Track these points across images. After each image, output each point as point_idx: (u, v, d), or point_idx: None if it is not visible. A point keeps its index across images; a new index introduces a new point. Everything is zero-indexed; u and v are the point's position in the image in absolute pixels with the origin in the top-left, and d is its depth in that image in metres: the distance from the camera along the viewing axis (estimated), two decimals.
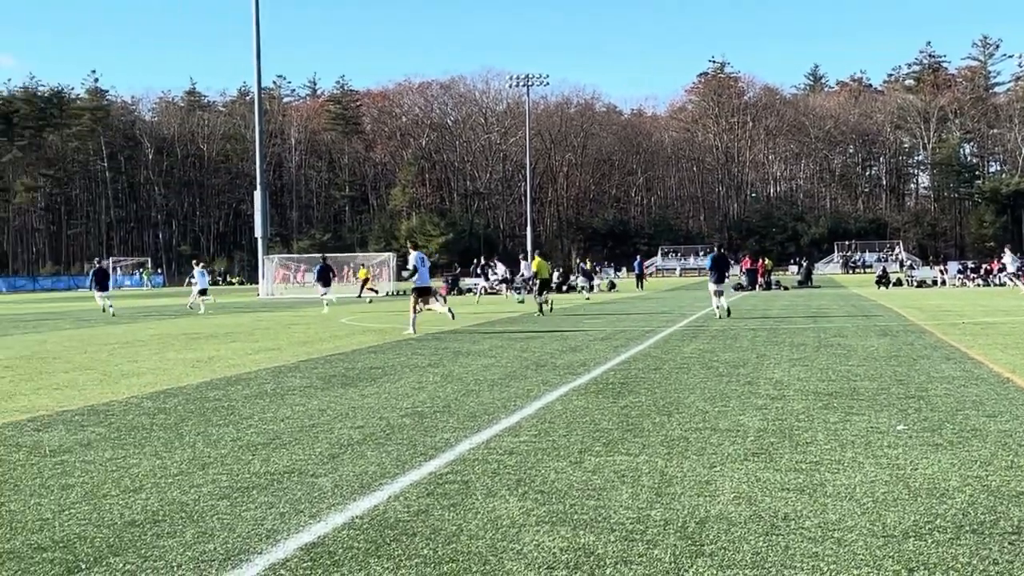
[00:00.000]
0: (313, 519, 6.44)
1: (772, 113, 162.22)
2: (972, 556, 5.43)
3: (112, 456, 8.67)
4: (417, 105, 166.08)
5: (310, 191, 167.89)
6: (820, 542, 5.74)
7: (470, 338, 22.36)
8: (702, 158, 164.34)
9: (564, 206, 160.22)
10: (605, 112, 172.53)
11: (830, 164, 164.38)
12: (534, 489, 7.13)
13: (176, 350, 20.45)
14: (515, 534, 6.01)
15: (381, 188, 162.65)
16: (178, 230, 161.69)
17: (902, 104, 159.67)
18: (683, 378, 13.67)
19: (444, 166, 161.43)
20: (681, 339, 20.87)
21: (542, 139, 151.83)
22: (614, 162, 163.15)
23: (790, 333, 22.08)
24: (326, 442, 9.16)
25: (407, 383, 13.64)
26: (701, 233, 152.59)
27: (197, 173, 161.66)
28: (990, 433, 8.99)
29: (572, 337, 21.92)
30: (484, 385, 13.24)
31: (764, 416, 10.18)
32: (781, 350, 17.79)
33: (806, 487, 7.05)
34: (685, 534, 5.94)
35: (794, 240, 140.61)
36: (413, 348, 19.74)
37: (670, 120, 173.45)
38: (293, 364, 16.85)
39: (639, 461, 8.03)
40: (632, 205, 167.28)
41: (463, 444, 8.91)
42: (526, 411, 10.82)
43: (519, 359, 16.94)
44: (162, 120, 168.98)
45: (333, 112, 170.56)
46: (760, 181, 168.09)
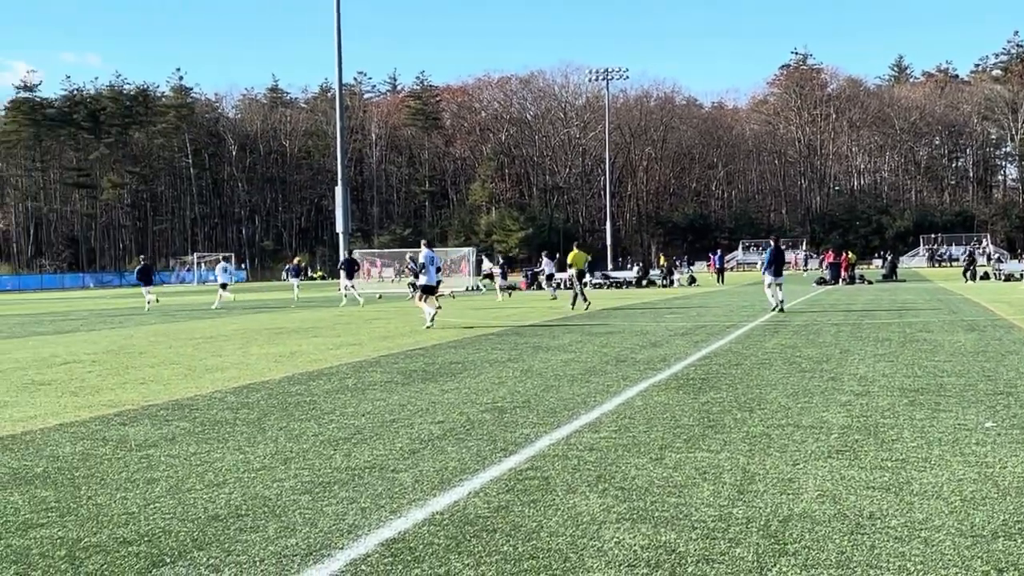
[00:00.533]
0: (394, 514, 6.45)
1: (856, 105, 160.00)
2: None
3: (196, 450, 8.78)
4: (496, 100, 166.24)
5: (390, 186, 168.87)
6: (907, 541, 5.63)
7: (549, 333, 22.33)
8: (784, 151, 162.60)
9: (644, 200, 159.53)
10: (685, 105, 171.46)
11: (915, 156, 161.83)
12: (614, 486, 7.09)
13: (259, 345, 20.67)
14: (595, 531, 5.97)
15: (461, 183, 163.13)
16: (261, 226, 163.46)
17: (989, 95, 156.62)
18: (765, 374, 13.53)
19: (523, 161, 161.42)
20: (763, 334, 20.67)
21: (621, 133, 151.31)
22: (694, 155, 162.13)
23: (874, 328, 21.77)
24: (407, 437, 9.19)
25: (487, 378, 13.65)
26: (783, 227, 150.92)
27: (279, 169, 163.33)
28: None
29: (652, 332, 21.81)
30: (564, 380, 13.21)
31: (848, 412, 10.04)
32: (865, 345, 17.55)
33: (892, 485, 6.93)
34: (768, 532, 5.87)
35: (878, 233, 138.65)
36: (493, 343, 19.76)
37: (751, 113, 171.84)
38: (374, 359, 16.95)
39: (720, 458, 7.95)
40: (712, 199, 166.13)
41: (543, 440, 8.89)
42: (606, 407, 10.77)
43: (599, 354, 16.88)
44: (245, 117, 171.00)
45: (413, 107, 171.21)
46: (843, 174, 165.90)
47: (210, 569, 5.42)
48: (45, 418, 10.85)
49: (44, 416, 11.00)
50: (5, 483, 7.61)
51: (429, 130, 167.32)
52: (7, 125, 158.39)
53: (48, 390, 13.46)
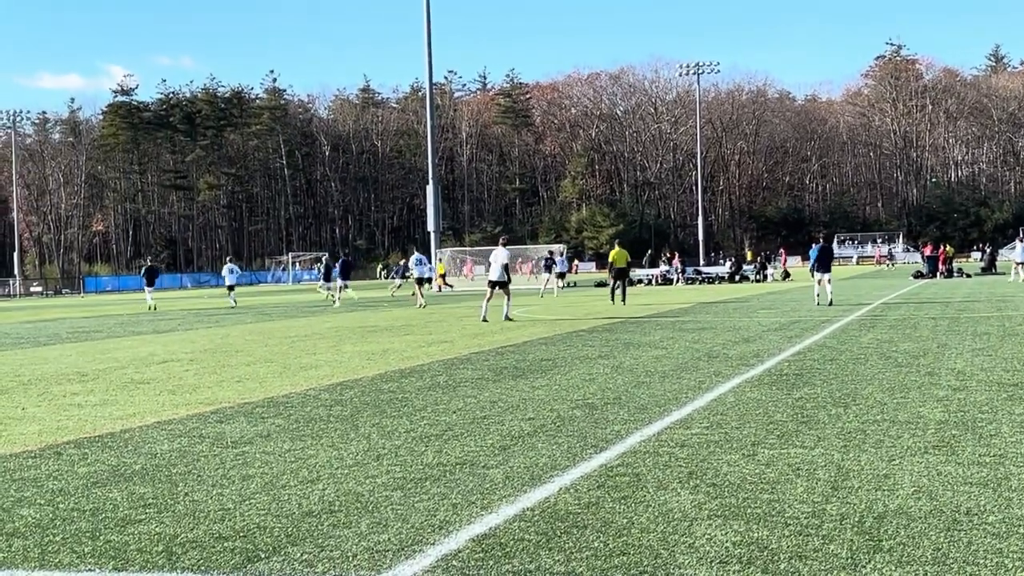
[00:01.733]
0: (485, 510, 6.48)
1: (952, 96, 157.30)
2: None
3: (291, 447, 8.89)
4: (586, 96, 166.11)
5: (481, 184, 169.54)
6: (1005, 538, 5.52)
7: (640, 329, 22.26)
8: (879, 143, 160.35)
9: (736, 195, 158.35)
10: (778, 98, 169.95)
11: (1014, 147, 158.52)
12: (706, 482, 7.04)
13: (352, 343, 20.86)
14: (687, 527, 5.94)
15: (551, 180, 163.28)
16: (354, 225, 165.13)
17: None
18: (860, 369, 13.35)
19: (613, 157, 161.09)
20: (858, 329, 20.40)
21: (713, 127, 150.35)
22: (787, 149, 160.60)
23: (972, 322, 21.38)
24: (497, 434, 9.22)
25: (577, 375, 13.65)
26: (879, 220, 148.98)
27: (371, 169, 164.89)
28: None
29: (745, 328, 21.63)
30: (655, 376, 13.16)
31: (945, 408, 9.87)
32: (963, 339, 17.24)
33: (990, 481, 6.80)
34: (862, 529, 5.79)
35: (977, 226, 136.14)
36: (584, 340, 19.75)
37: (845, 105, 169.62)
38: (465, 356, 17.02)
39: (814, 454, 7.87)
40: (806, 192, 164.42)
41: (634, 436, 8.87)
42: (697, 403, 10.71)
43: (690, 350, 16.79)
44: (337, 118, 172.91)
45: (503, 105, 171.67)
46: (940, 166, 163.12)
47: (304, 564, 5.48)
48: (143, 416, 11.05)
49: (142, 414, 11.21)
50: (105, 480, 7.77)
51: (519, 128, 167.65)
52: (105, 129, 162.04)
53: (147, 389, 13.71)
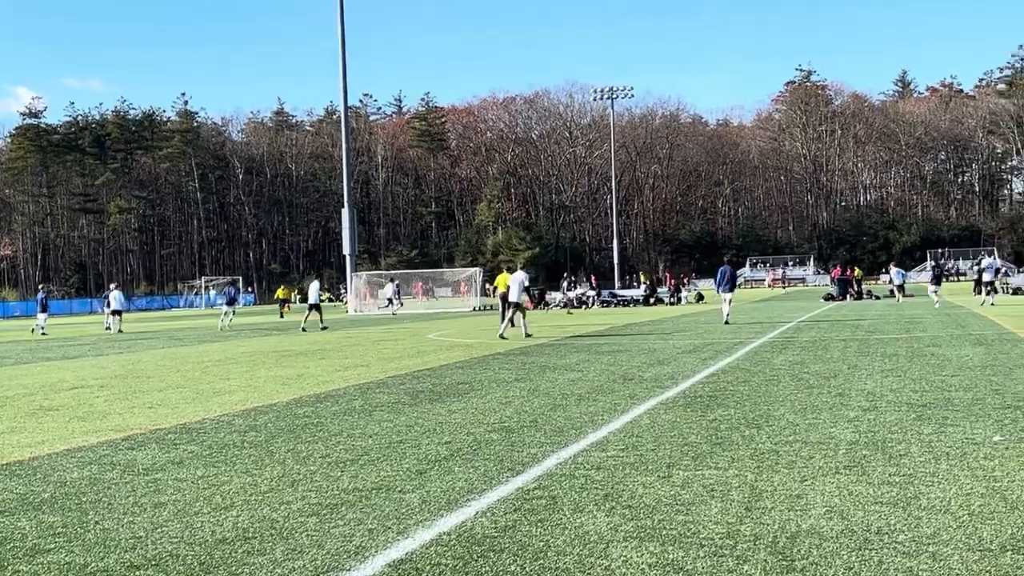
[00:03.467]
0: (401, 535, 6.45)
1: (861, 120, 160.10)
2: None
3: (204, 474, 8.78)
4: (502, 120, 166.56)
5: (397, 208, 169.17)
6: (914, 556, 5.62)
7: (556, 352, 22.33)
8: (790, 167, 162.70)
9: (650, 218, 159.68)
10: (690, 123, 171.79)
11: (921, 171, 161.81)
12: (622, 504, 7.08)
13: (267, 368, 20.69)
14: (603, 550, 5.97)
15: (467, 203, 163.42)
16: (268, 249, 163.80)
17: (994, 109, 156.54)
18: (772, 390, 13.51)
19: (529, 180, 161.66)
20: (770, 350, 20.65)
21: (627, 151, 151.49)
22: (700, 173, 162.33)
23: (882, 343, 21.75)
24: (414, 458, 9.19)
25: (494, 398, 13.65)
26: (790, 243, 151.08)
27: (286, 192, 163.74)
28: None
29: (659, 350, 21.80)
30: (571, 399, 13.21)
31: (856, 428, 10.02)
32: (873, 361, 17.53)
33: (900, 500, 6.92)
34: (776, 549, 5.86)
35: (885, 249, 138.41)
36: (500, 363, 19.77)
37: (756, 129, 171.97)
38: (381, 380, 16.95)
39: (728, 475, 7.95)
40: (719, 216, 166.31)
41: (550, 459, 8.89)
42: (613, 425, 10.76)
43: (606, 373, 16.88)
44: (251, 140, 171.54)
45: (419, 129, 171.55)
46: (850, 189, 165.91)
47: None
48: (53, 443, 10.86)
49: (52, 441, 11.01)
50: (13, 509, 7.62)
51: (435, 151, 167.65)
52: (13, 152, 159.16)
53: (56, 415, 13.47)
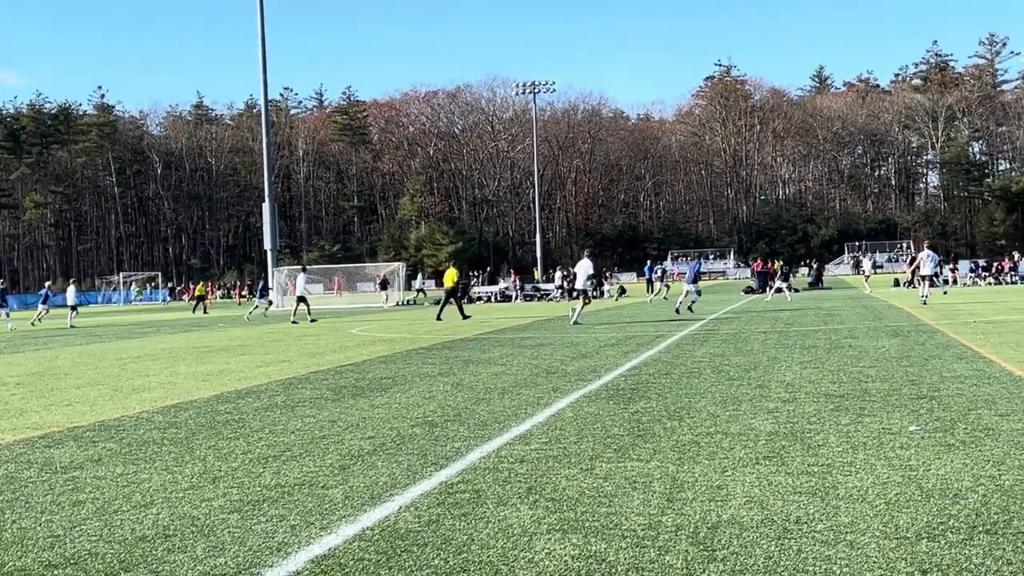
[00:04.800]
0: (324, 531, 6.43)
1: (779, 115, 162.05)
2: (985, 557, 5.40)
3: (123, 471, 8.67)
4: (424, 114, 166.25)
5: (319, 202, 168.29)
6: (832, 545, 5.71)
7: (480, 346, 22.34)
8: (710, 161, 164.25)
9: (573, 212, 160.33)
10: (612, 117, 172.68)
11: (839, 165, 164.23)
12: (545, 497, 7.11)
13: (187, 364, 20.47)
14: (526, 542, 5.99)
15: (390, 198, 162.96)
16: (188, 244, 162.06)
17: (910, 104, 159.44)
18: (694, 382, 13.63)
19: (452, 175, 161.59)
20: (692, 343, 20.83)
21: (549, 146, 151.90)
22: (622, 167, 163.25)
23: (801, 335, 22.03)
24: (336, 453, 9.15)
25: (417, 392, 13.63)
26: (711, 236, 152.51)
27: (206, 187, 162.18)
28: (1003, 432, 8.94)
29: (582, 343, 21.89)
30: (495, 393, 13.23)
31: (775, 419, 10.15)
32: (792, 352, 17.75)
33: (818, 490, 7.02)
34: (697, 540, 5.92)
35: (804, 242, 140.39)
36: (423, 357, 19.74)
37: (677, 124, 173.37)
38: (303, 376, 16.85)
39: (650, 467, 8.01)
40: (641, 210, 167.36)
41: (474, 453, 8.90)
42: (537, 418, 10.79)
43: (529, 366, 16.92)
44: (170, 134, 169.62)
45: (340, 123, 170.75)
46: (769, 183, 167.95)
47: None
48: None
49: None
50: None
51: (357, 145, 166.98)
52: None
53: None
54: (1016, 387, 11.91)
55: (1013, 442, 8.46)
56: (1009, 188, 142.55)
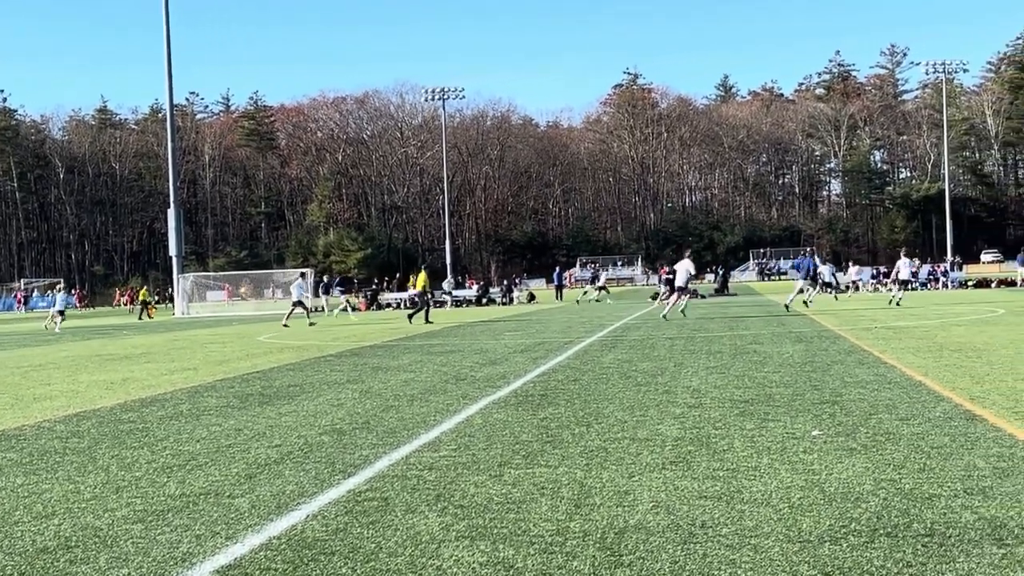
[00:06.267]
0: (230, 541, 6.36)
1: (686, 123, 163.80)
2: (886, 559, 5.50)
3: (24, 482, 8.51)
4: (332, 120, 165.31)
5: (225, 208, 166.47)
6: (737, 549, 5.78)
7: (389, 353, 22.27)
8: (618, 169, 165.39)
9: (482, 219, 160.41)
10: (521, 124, 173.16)
11: (744, 173, 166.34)
12: (453, 504, 7.11)
13: (89, 372, 20.13)
14: (434, 550, 5.98)
15: (297, 204, 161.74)
16: (91, 250, 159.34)
17: (813, 112, 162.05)
18: (602, 388, 13.71)
19: (361, 181, 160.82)
20: (600, 349, 20.95)
21: (459, 152, 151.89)
22: (531, 174, 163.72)
23: (707, 341, 22.26)
24: (243, 462, 9.06)
25: (325, 400, 13.54)
26: (619, 243, 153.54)
27: (109, 192, 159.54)
28: (903, 436, 9.12)
29: (491, 350, 21.92)
30: (403, 400, 13.19)
31: (682, 424, 10.24)
32: (698, 358, 17.93)
33: (723, 494, 7.10)
34: (604, 545, 5.95)
35: (710, 249, 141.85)
36: (331, 365, 19.62)
37: (586, 132, 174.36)
38: (209, 384, 16.66)
39: (558, 473, 8.04)
40: (550, 217, 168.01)
41: (382, 460, 8.86)
42: (446, 425, 10.78)
43: (438, 373, 16.90)
44: (73, 139, 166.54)
45: (247, 128, 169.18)
46: (676, 191, 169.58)
47: None
48: None
49: None
50: None
51: (264, 151, 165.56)
52: None
53: None
54: (916, 392, 12.16)
55: (913, 446, 8.63)
56: (909, 196, 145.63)
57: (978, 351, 17.33)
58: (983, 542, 5.76)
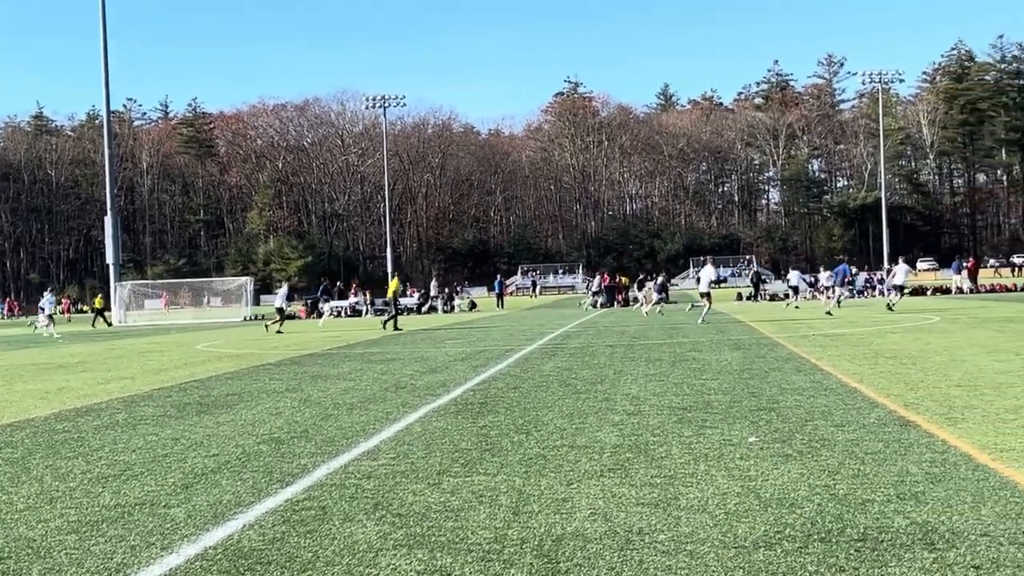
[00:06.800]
0: (165, 551, 6.31)
1: (626, 132, 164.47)
2: (820, 564, 5.56)
3: None
4: (272, 127, 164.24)
5: (164, 215, 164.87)
6: (673, 555, 5.82)
7: (329, 361, 22.18)
8: (559, 177, 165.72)
9: (424, 227, 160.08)
10: (463, 132, 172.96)
11: (684, 181, 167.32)
12: (392, 512, 7.09)
13: (24, 381, 19.87)
14: (372, 559, 5.97)
15: (237, 211, 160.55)
16: (26, 258, 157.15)
17: (752, 122, 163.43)
18: (542, 396, 13.74)
19: (301, 188, 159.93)
20: (540, 357, 21.00)
21: (400, 160, 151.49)
22: (473, 182, 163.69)
23: (646, 349, 22.37)
24: (179, 472, 8.99)
25: (264, 409, 13.47)
26: (560, 251, 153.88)
27: (45, 199, 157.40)
28: (838, 443, 9.21)
29: (432, 358, 21.90)
30: (343, 409, 13.14)
31: (621, 432, 10.29)
32: (637, 366, 18.01)
33: (660, 501, 7.14)
34: (542, 552, 5.97)
35: (651, 257, 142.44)
36: (271, 373, 19.51)
37: (527, 140, 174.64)
38: (146, 393, 16.50)
39: (497, 480, 8.05)
40: (492, 225, 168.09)
41: (320, 469, 8.83)
42: (385, 434, 10.76)
43: (378, 381, 16.85)
44: (8, 145, 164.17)
45: (186, 135, 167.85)
46: (616, 199, 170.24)
47: None
48: None
49: None
50: None
51: (203, 158, 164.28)
52: None
53: None
54: (851, 398, 12.30)
55: (848, 452, 8.73)
56: (847, 204, 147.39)
57: (913, 358, 17.56)
58: (915, 547, 5.84)
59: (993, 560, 5.54)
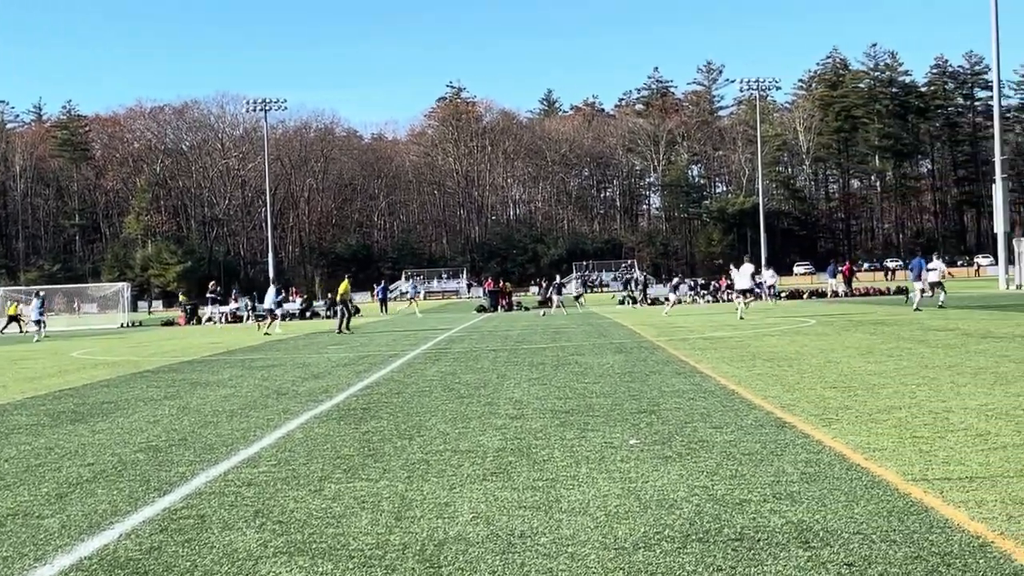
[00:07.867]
0: (38, 562, 6.17)
1: (510, 137, 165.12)
2: (698, 564, 5.65)
3: None
4: (149, 130, 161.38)
5: (37, 220, 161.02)
6: (554, 557, 5.86)
7: (208, 368, 21.87)
8: (443, 182, 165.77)
9: (306, 231, 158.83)
10: (345, 136, 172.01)
11: (567, 187, 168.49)
12: (272, 520, 7.03)
13: None
14: (252, 567, 5.91)
15: (114, 216, 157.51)
16: None
17: (633, 128, 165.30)
18: (425, 401, 13.73)
19: (180, 192, 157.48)
20: (424, 362, 20.97)
21: (282, 164, 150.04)
22: (356, 186, 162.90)
23: (530, 353, 22.47)
24: (53, 481, 8.79)
25: (141, 417, 13.24)
26: (444, 256, 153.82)
27: None
28: (716, 444, 9.36)
29: (314, 364, 21.73)
30: (223, 416, 12.98)
31: (503, 436, 10.32)
32: (521, 370, 18.09)
33: (542, 504, 7.19)
34: (424, 557, 5.97)
35: (534, 261, 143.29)
36: (148, 381, 19.17)
37: (410, 144, 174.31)
38: (19, 401, 16.11)
39: (380, 486, 8.02)
40: (375, 229, 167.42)
41: (199, 477, 8.71)
42: (266, 441, 10.65)
43: (259, 388, 16.68)
44: None
45: (60, 138, 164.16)
46: (500, 204, 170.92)
47: None
48: None
49: None
50: None
51: (78, 161, 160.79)
52: None
53: None
54: (729, 400, 12.50)
55: (726, 453, 8.87)
56: (725, 210, 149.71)
57: (789, 360, 17.91)
58: (790, 545, 5.96)
59: (865, 557, 5.68)
